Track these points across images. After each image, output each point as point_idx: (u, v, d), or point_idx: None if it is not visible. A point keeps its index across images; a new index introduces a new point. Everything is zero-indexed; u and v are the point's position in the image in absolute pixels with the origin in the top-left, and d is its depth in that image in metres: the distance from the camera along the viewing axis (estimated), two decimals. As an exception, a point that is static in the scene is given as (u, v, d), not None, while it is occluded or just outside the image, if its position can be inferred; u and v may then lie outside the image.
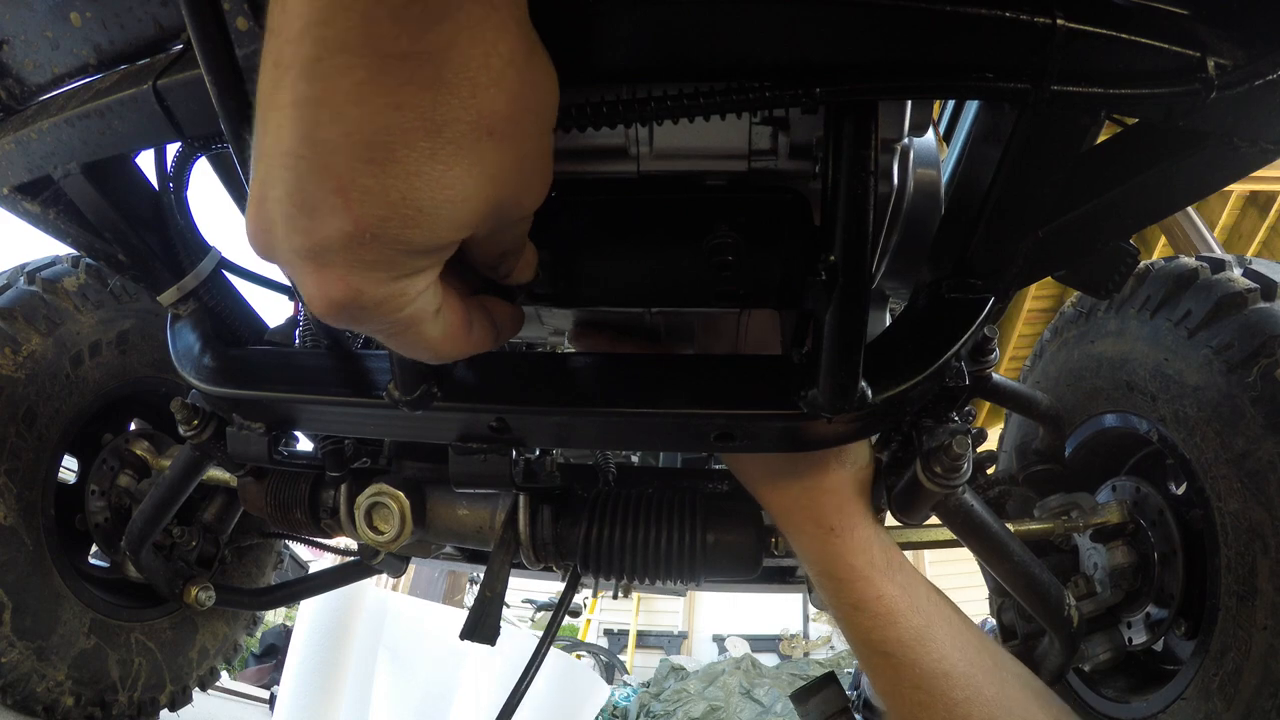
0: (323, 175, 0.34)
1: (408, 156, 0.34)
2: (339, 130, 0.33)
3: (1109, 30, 0.46)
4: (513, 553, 0.84)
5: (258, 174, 0.37)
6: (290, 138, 0.34)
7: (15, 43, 0.65)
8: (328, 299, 0.39)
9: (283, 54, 0.33)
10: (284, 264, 0.39)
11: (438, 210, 0.36)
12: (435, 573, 7.00)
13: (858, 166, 0.51)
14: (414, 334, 0.44)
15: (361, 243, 0.36)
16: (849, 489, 0.75)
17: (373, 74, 0.32)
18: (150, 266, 0.80)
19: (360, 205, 0.35)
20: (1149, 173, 0.59)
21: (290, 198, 0.35)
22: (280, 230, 0.37)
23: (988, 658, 0.69)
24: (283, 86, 0.33)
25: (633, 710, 6.45)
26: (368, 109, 0.33)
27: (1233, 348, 0.93)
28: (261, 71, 0.35)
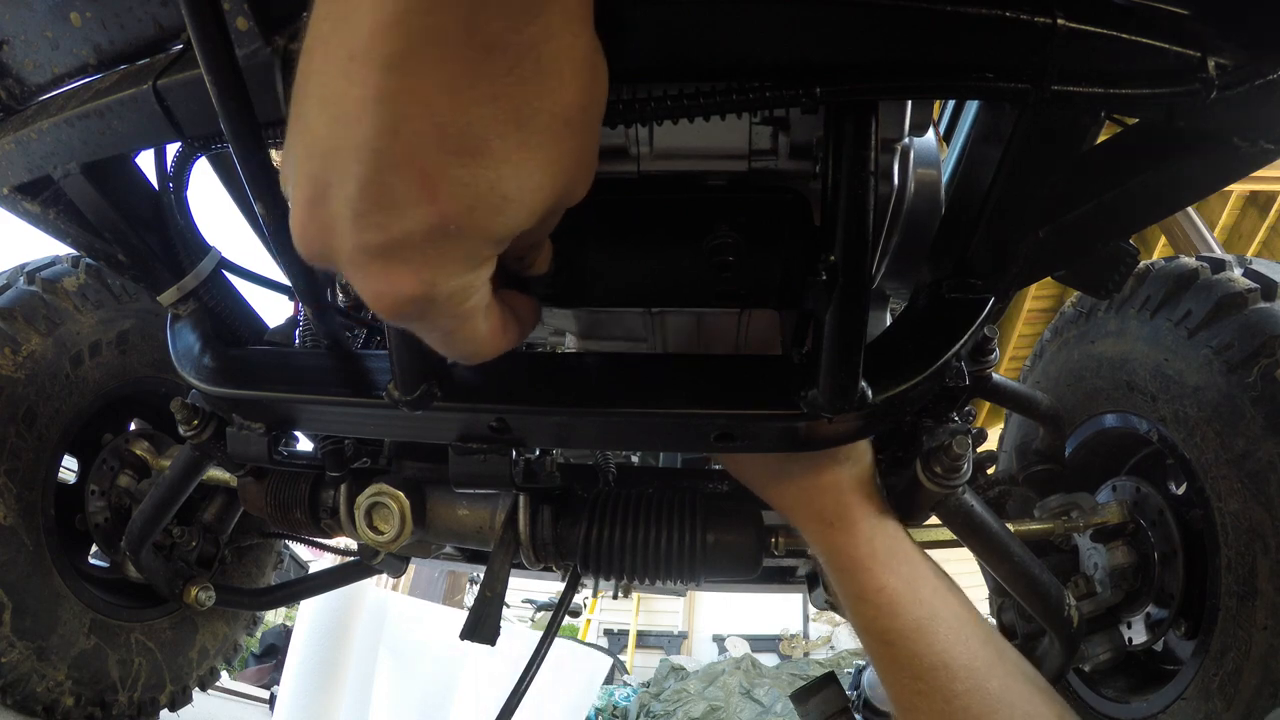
0: (407, 168, 0.33)
1: (500, 147, 0.34)
2: (430, 123, 0.33)
3: (1109, 30, 0.46)
4: (513, 553, 0.84)
5: (309, 172, 0.36)
6: (369, 132, 0.33)
7: (15, 43, 0.65)
8: (397, 296, 0.38)
9: (360, 45, 0.32)
10: (345, 264, 0.38)
11: (523, 197, 0.37)
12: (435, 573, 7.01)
13: (858, 166, 0.51)
14: (469, 329, 0.44)
15: (445, 234, 0.36)
16: (847, 484, 0.75)
17: (473, 65, 0.32)
18: (150, 266, 0.80)
19: (448, 197, 0.34)
20: (1149, 173, 0.59)
21: (364, 193, 0.34)
22: (348, 227, 0.36)
23: (992, 651, 0.69)
24: (359, 80, 0.32)
25: (633, 710, 6.44)
26: (463, 100, 0.33)
27: (1233, 348, 0.93)
28: (320, 67, 0.34)
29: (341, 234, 0.36)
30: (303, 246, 0.38)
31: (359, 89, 0.32)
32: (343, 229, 0.36)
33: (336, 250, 0.37)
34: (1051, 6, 0.45)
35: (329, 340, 0.77)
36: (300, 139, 0.36)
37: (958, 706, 0.66)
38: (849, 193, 0.52)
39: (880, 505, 0.75)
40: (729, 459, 0.83)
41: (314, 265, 0.40)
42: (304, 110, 0.35)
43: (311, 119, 0.35)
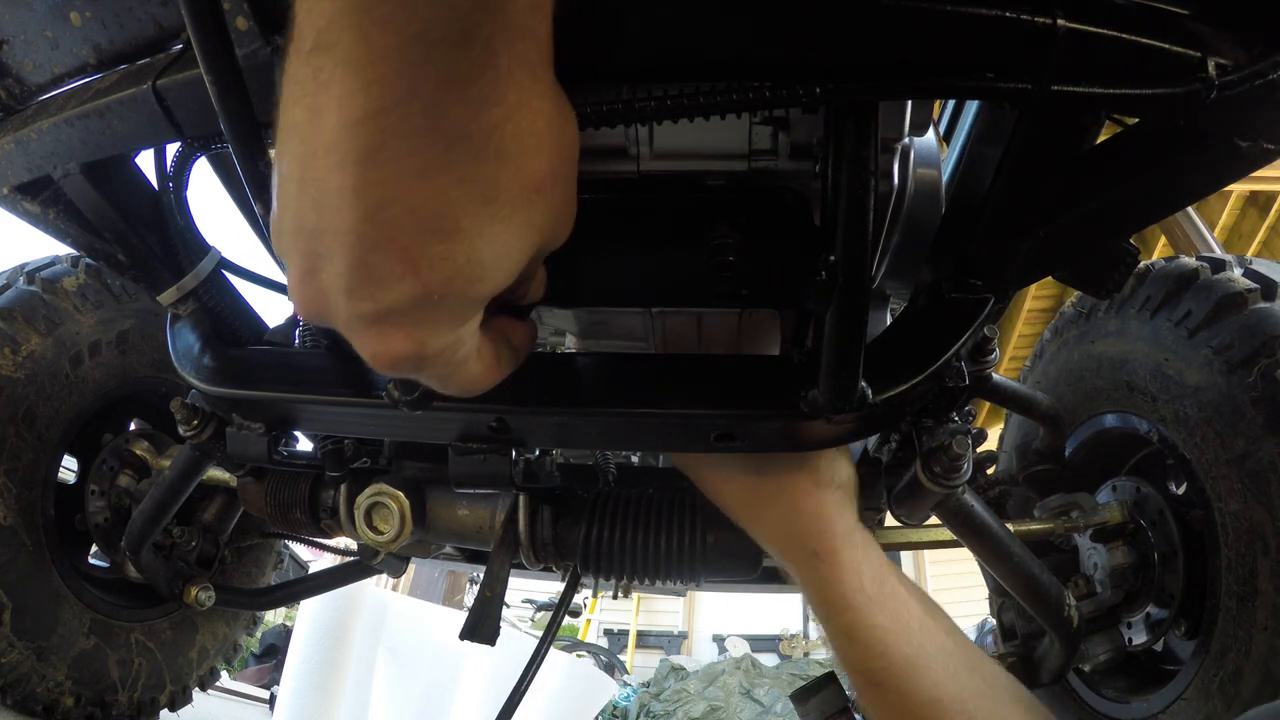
0: (389, 249, 0.36)
1: (471, 223, 0.37)
2: (404, 208, 0.35)
3: (1109, 30, 0.46)
4: (512, 553, 0.84)
5: (300, 247, 0.38)
6: (351, 217, 0.35)
7: (15, 42, 0.65)
8: (393, 356, 0.41)
9: (332, 139, 0.34)
10: (342, 327, 0.41)
11: (498, 263, 0.40)
12: (435, 573, 7.00)
13: (858, 166, 0.51)
14: (463, 373, 0.47)
15: (430, 303, 0.39)
16: (830, 510, 0.72)
17: (439, 155, 0.34)
18: (150, 266, 0.80)
19: (428, 271, 0.37)
20: (1149, 173, 0.59)
21: (353, 271, 0.37)
22: (340, 300, 0.39)
23: (980, 679, 0.68)
24: (336, 170, 0.35)
25: (633, 710, 6.44)
26: (433, 186, 0.35)
27: (1233, 348, 0.93)
28: (300, 153, 0.36)
29: (336, 303, 0.39)
30: (302, 311, 0.42)
31: (336, 178, 0.35)
32: (336, 300, 0.39)
33: (333, 316, 0.40)
34: (1051, 6, 0.45)
35: (329, 340, 0.77)
36: (289, 215, 0.38)
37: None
38: (849, 193, 0.52)
39: (864, 533, 0.73)
40: (704, 481, 0.80)
41: (319, 325, 0.43)
42: (289, 191, 0.38)
43: (296, 200, 0.37)
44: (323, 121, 0.34)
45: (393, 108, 0.33)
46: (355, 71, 0.32)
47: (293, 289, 0.41)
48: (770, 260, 0.69)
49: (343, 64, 0.33)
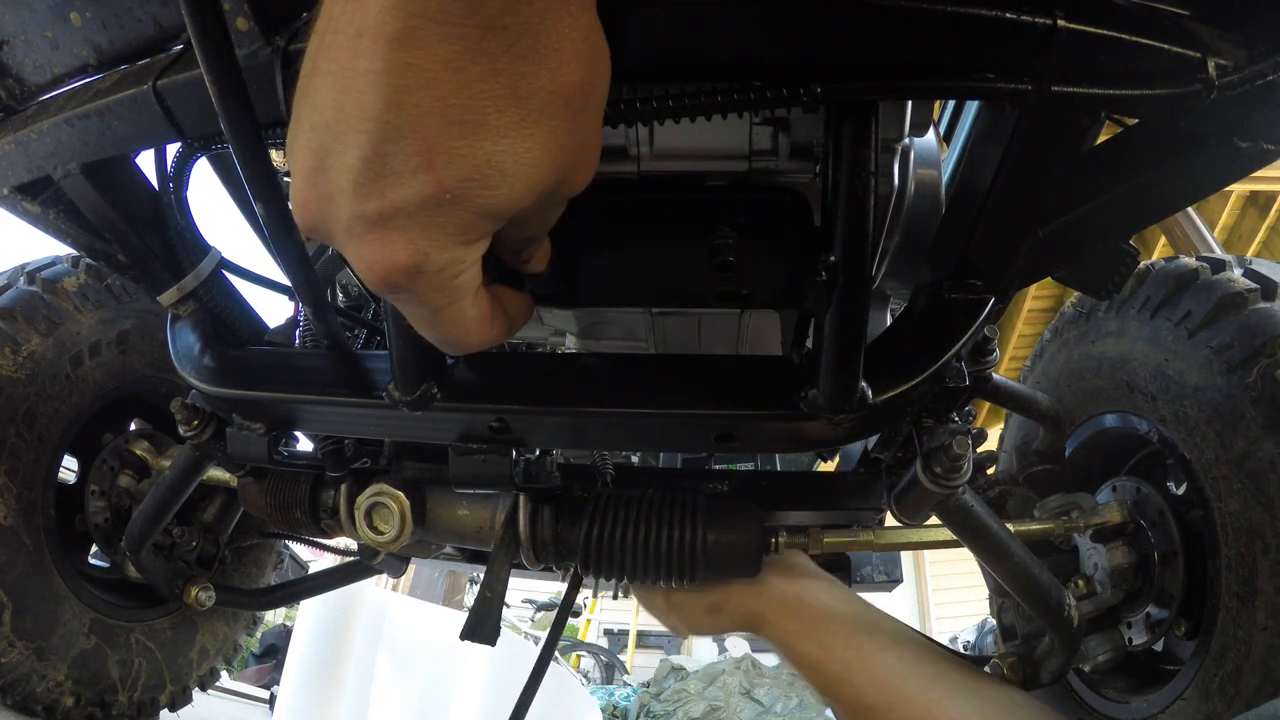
0: (408, 139, 0.35)
1: (498, 121, 0.36)
2: (432, 95, 0.34)
3: (1109, 31, 0.46)
4: (513, 553, 0.84)
5: (312, 144, 0.37)
6: (374, 103, 0.35)
7: (15, 43, 0.65)
8: (390, 264, 0.39)
9: (369, 22, 0.34)
10: (341, 232, 0.39)
11: (518, 173, 0.38)
12: (435, 573, 7.00)
13: (858, 167, 0.51)
14: (455, 310, 0.45)
15: (440, 204, 0.37)
16: (748, 600, 0.86)
17: (474, 43, 0.34)
18: (150, 267, 0.80)
19: (445, 167, 0.36)
20: (1149, 173, 0.59)
21: (366, 163, 0.36)
22: (346, 196, 0.37)
23: (935, 689, 0.77)
24: (366, 54, 0.34)
25: (633, 710, 6.44)
26: (465, 76, 0.34)
27: (1233, 348, 0.93)
28: (329, 44, 0.35)
29: (340, 203, 0.38)
30: (301, 217, 0.40)
31: (366, 62, 0.34)
32: (341, 198, 0.38)
33: (334, 220, 0.39)
34: (1051, 7, 0.45)
35: (329, 340, 0.77)
36: (306, 114, 0.37)
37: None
38: (849, 193, 0.52)
39: (780, 590, 0.85)
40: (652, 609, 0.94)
41: (310, 237, 0.41)
42: (311, 87, 0.37)
43: (318, 94, 0.37)
44: (360, 6, 0.34)
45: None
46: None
47: (295, 193, 0.39)
48: (770, 260, 0.69)
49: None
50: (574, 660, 8.53)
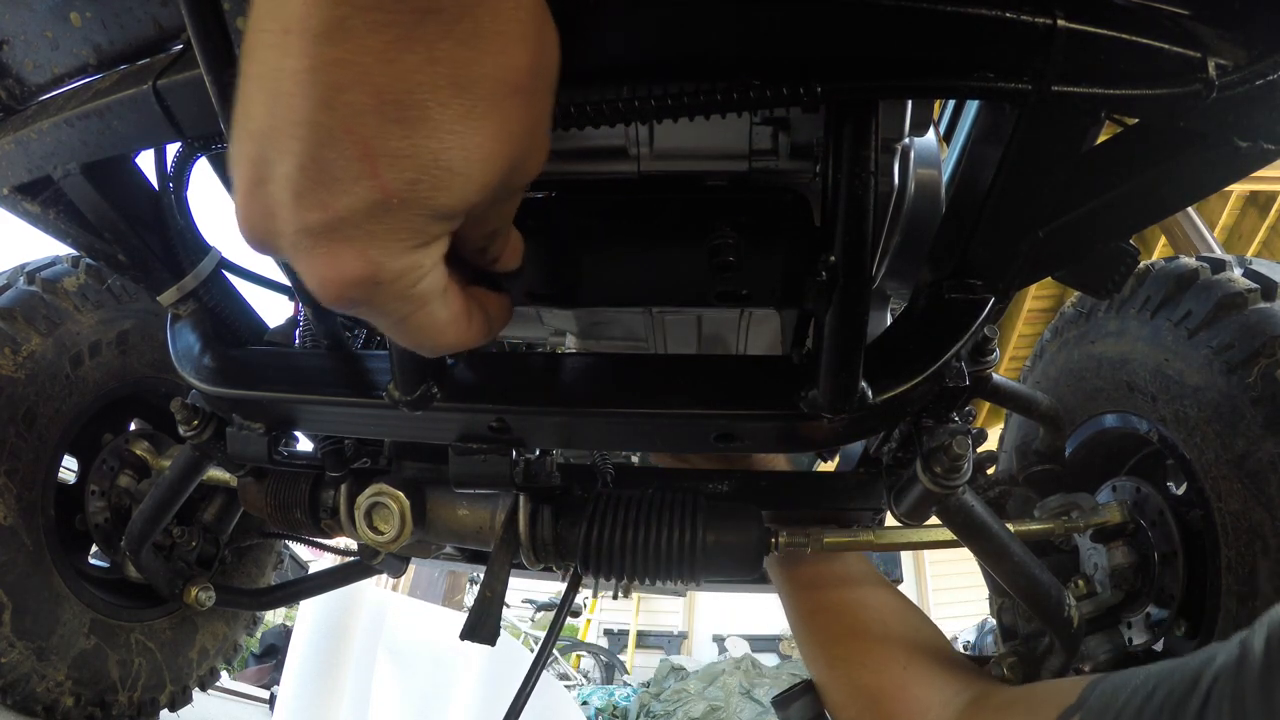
0: (345, 142, 0.32)
1: (441, 115, 0.33)
2: (367, 91, 0.32)
3: (1109, 30, 0.46)
4: (513, 553, 0.84)
5: (248, 154, 0.35)
6: (305, 105, 0.32)
7: (15, 43, 0.65)
8: (342, 279, 0.37)
9: (293, 17, 0.31)
10: (288, 248, 0.37)
11: (469, 169, 0.35)
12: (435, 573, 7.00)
13: (858, 166, 0.51)
14: (424, 315, 0.42)
15: (387, 209, 0.35)
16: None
17: (407, 30, 0.31)
18: (150, 267, 0.80)
19: (389, 170, 0.33)
20: (1149, 173, 0.59)
21: (303, 171, 0.33)
22: (287, 211, 0.35)
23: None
24: (294, 52, 0.31)
25: (633, 710, 6.44)
26: (400, 67, 0.32)
27: (1233, 348, 0.93)
28: (256, 44, 0.33)
29: (283, 217, 0.35)
30: (246, 233, 0.37)
31: (293, 61, 0.32)
32: (283, 212, 0.35)
33: (279, 234, 0.36)
34: (1051, 7, 0.45)
35: (329, 340, 0.77)
36: (241, 122, 0.35)
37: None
38: (849, 193, 0.52)
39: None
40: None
41: (259, 253, 0.39)
42: (245, 93, 0.34)
43: (250, 100, 0.34)
44: (283, 3, 0.31)
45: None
46: None
47: (238, 209, 0.37)
48: (770, 260, 0.69)
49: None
50: (574, 660, 8.53)
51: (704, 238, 0.66)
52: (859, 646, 0.89)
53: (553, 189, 0.67)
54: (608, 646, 9.34)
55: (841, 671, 0.89)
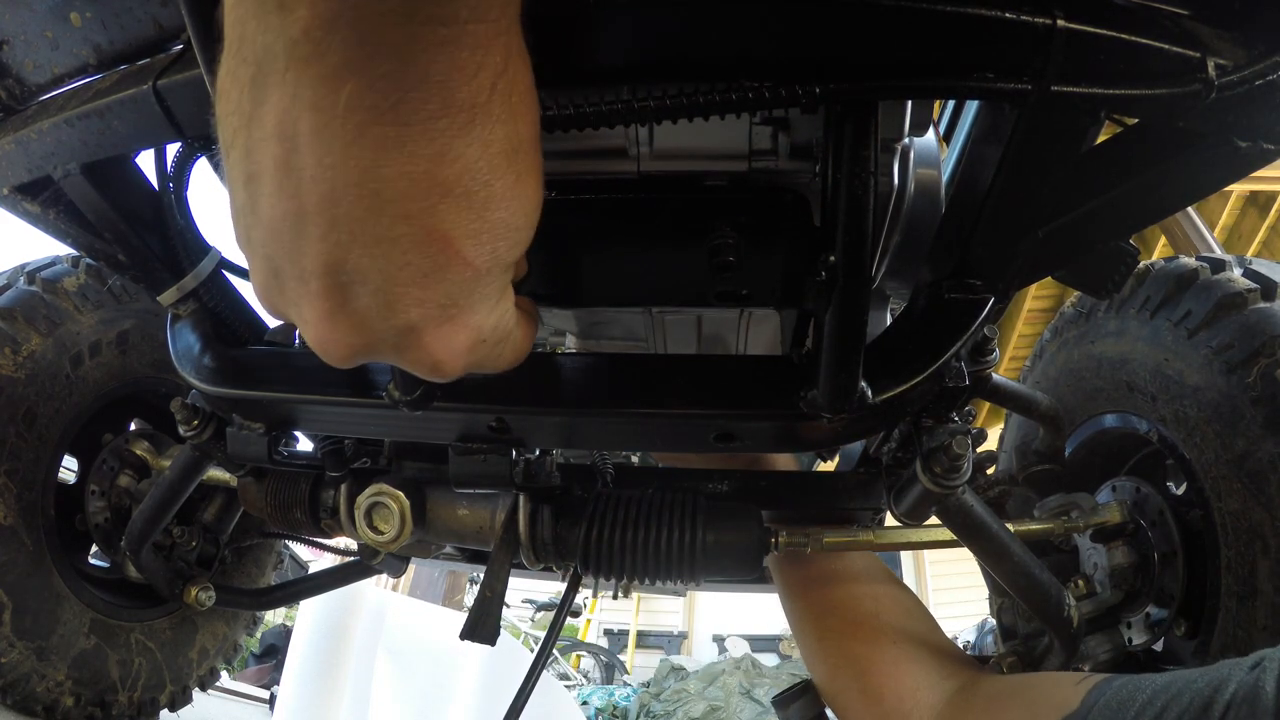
0: (428, 242, 0.34)
1: (503, 187, 0.35)
2: (437, 193, 0.33)
3: (1109, 31, 0.46)
4: (513, 553, 0.84)
5: (319, 286, 0.35)
6: (380, 222, 0.33)
7: (15, 43, 0.65)
8: (455, 356, 0.39)
9: (327, 152, 0.32)
10: (389, 352, 0.39)
11: (529, 220, 0.38)
12: (435, 573, 7.00)
13: (858, 166, 0.51)
14: (511, 344, 0.46)
15: (478, 280, 0.37)
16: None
17: (462, 129, 0.33)
18: (150, 267, 0.80)
19: (473, 249, 0.35)
20: (1149, 173, 0.59)
21: (393, 282, 0.35)
22: (382, 321, 0.36)
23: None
24: (354, 184, 0.32)
25: (633, 710, 6.44)
26: (463, 163, 0.33)
27: (1233, 348, 0.93)
28: (282, 187, 0.34)
29: (378, 328, 0.37)
30: (336, 353, 0.39)
31: (351, 178, 0.32)
32: (378, 323, 0.37)
33: (377, 344, 0.38)
34: (1051, 7, 0.45)
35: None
36: (289, 256, 0.35)
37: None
38: (849, 193, 0.52)
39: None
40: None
41: (345, 367, 0.40)
42: (280, 230, 0.35)
43: (301, 226, 0.34)
44: (320, 140, 0.32)
45: (405, 101, 0.31)
46: (354, 77, 0.30)
47: (318, 335, 0.38)
48: (770, 260, 0.69)
49: (333, 75, 0.30)
50: (574, 660, 8.53)
51: (704, 237, 0.66)
52: (851, 619, 0.89)
53: (553, 189, 0.67)
54: (608, 646, 9.33)
55: (832, 642, 0.89)
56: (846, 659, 0.87)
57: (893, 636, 0.86)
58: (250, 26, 0.31)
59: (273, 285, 0.38)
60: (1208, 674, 0.49)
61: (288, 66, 0.31)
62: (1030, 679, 0.84)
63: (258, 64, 0.32)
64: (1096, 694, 0.58)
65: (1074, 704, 0.59)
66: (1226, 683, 0.47)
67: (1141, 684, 0.54)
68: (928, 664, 0.84)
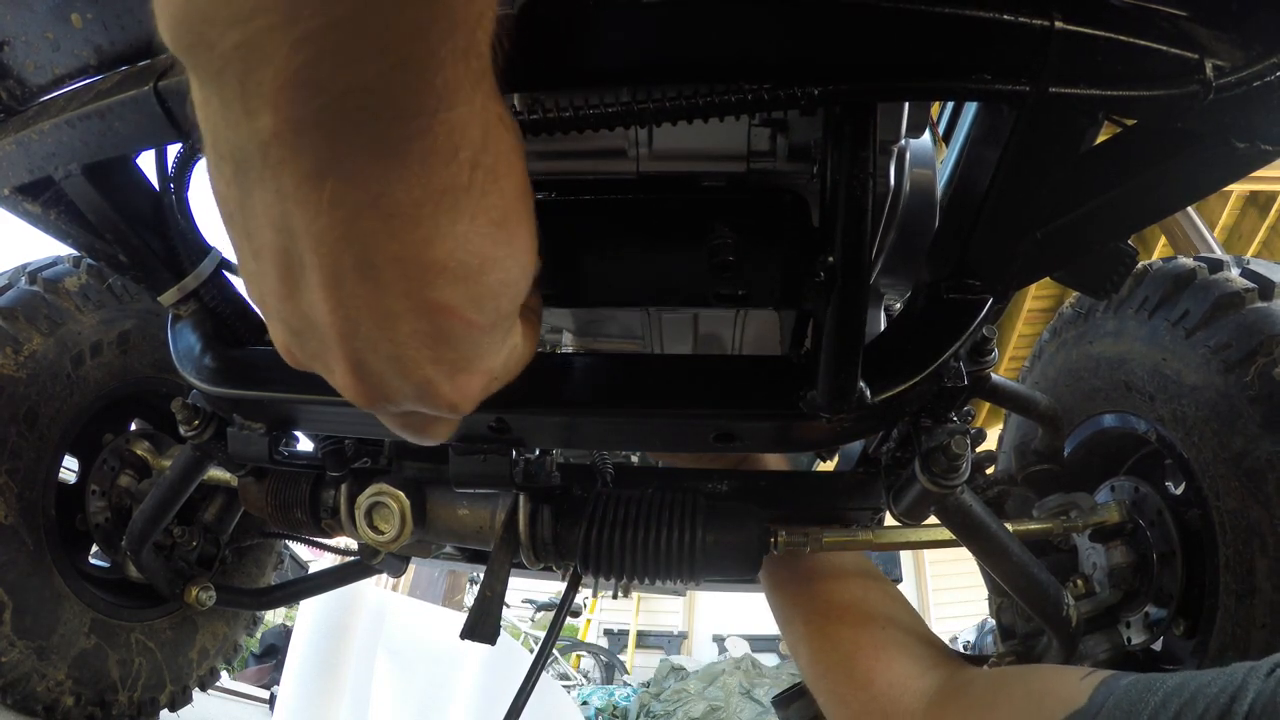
0: (432, 313, 0.36)
1: (496, 250, 0.37)
2: (433, 270, 0.34)
3: (1107, 32, 0.46)
4: (513, 553, 0.84)
5: (339, 354, 0.37)
6: (383, 299, 0.34)
7: (16, 44, 0.65)
8: (470, 399, 0.41)
9: (315, 247, 0.33)
10: (413, 400, 0.40)
11: (526, 268, 0.40)
12: (435, 573, 7.00)
13: (857, 168, 0.51)
14: (517, 361, 0.48)
15: (485, 333, 0.39)
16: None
17: (449, 208, 0.34)
18: (151, 267, 0.81)
19: (477, 312, 0.37)
20: (1147, 174, 0.59)
21: (403, 350, 0.37)
22: (398, 380, 0.38)
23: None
24: (350, 272, 0.34)
25: (633, 710, 6.44)
26: (453, 239, 0.34)
27: (1230, 347, 0.93)
28: (287, 271, 0.35)
29: (396, 386, 0.39)
30: (362, 403, 0.41)
31: (348, 260, 0.33)
32: (395, 382, 0.39)
33: (399, 396, 0.40)
34: (1049, 8, 0.45)
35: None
36: (309, 326, 0.37)
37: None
38: (847, 194, 0.52)
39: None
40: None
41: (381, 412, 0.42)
42: (302, 296, 0.36)
43: (313, 303, 0.36)
44: (312, 234, 0.32)
45: (386, 194, 0.32)
46: (332, 176, 0.31)
47: (343, 389, 0.40)
48: (769, 261, 0.69)
49: (313, 175, 0.31)
50: (574, 660, 8.53)
51: (703, 238, 0.66)
52: (838, 607, 0.89)
53: (552, 189, 0.67)
54: (608, 646, 9.34)
55: (816, 627, 0.89)
56: (834, 645, 0.86)
57: (881, 623, 0.86)
58: (220, 126, 0.31)
59: (292, 345, 0.40)
60: (1221, 678, 0.48)
61: (264, 167, 0.31)
62: (1030, 669, 0.84)
63: (235, 163, 0.32)
64: (1104, 691, 0.57)
65: (1080, 700, 0.58)
66: (1244, 690, 0.46)
67: (1153, 685, 0.53)
68: (916, 651, 0.83)
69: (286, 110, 0.29)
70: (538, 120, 0.48)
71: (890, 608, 0.89)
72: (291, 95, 0.28)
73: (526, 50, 0.45)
